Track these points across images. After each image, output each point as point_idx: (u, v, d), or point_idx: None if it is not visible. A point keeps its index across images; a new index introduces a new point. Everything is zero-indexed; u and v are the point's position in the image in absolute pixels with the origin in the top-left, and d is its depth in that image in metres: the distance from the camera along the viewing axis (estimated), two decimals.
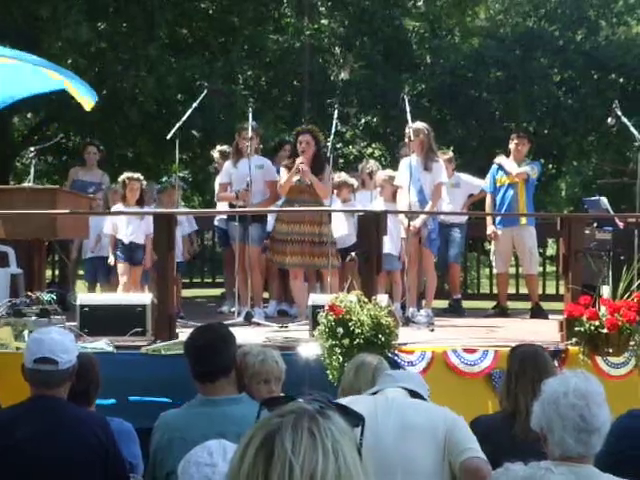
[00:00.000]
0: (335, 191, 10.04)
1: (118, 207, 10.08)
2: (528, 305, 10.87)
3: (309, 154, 9.65)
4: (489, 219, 10.66)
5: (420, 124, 9.74)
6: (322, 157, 9.91)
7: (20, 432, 4.23)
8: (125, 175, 10.24)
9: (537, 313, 10.42)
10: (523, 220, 10.42)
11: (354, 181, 10.49)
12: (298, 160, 9.57)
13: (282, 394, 4.54)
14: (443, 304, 11.43)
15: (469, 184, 11.18)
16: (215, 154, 11.42)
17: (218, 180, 10.53)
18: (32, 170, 9.61)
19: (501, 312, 10.64)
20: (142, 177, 10.35)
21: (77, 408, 4.46)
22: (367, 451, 1.90)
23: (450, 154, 11.27)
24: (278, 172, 9.99)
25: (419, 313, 9.50)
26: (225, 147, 11.09)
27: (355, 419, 1.93)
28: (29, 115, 21.02)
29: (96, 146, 11.80)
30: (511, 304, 11.11)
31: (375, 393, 4.15)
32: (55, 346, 4.37)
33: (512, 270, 12.50)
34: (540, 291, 11.38)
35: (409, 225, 9.41)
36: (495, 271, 11.03)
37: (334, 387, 4.09)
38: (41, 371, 4.35)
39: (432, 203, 9.69)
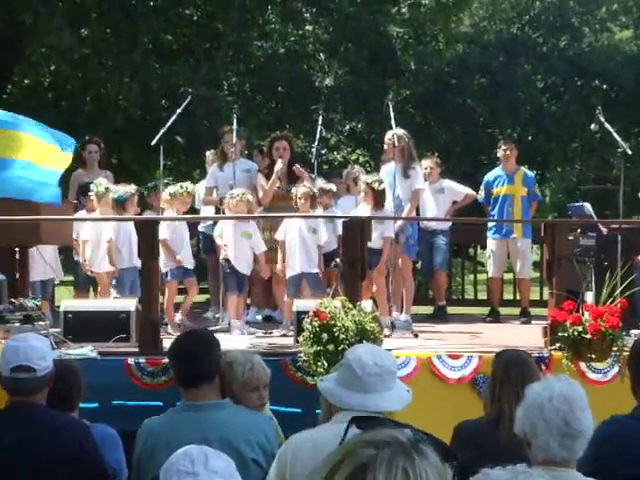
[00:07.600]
0: None
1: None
2: (512, 311, 10.88)
3: (286, 159, 9.64)
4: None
5: (400, 131, 9.74)
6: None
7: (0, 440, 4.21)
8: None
9: (525, 317, 10.45)
10: (518, 234, 10.45)
11: (333, 186, 10.46)
12: (277, 165, 9.51)
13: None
14: (428, 310, 11.43)
15: (453, 191, 11.12)
16: (210, 156, 10.88)
17: (204, 184, 10.46)
18: None
19: (494, 317, 10.66)
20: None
21: (57, 414, 4.44)
22: None
23: (436, 159, 11.28)
24: None
25: (398, 319, 9.50)
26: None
27: (449, 456, 1.83)
28: None
29: (96, 144, 10.85)
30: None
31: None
32: (32, 353, 4.35)
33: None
34: None
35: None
36: (489, 275, 10.97)
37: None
38: (19, 379, 4.33)
39: (409, 208, 9.71)
